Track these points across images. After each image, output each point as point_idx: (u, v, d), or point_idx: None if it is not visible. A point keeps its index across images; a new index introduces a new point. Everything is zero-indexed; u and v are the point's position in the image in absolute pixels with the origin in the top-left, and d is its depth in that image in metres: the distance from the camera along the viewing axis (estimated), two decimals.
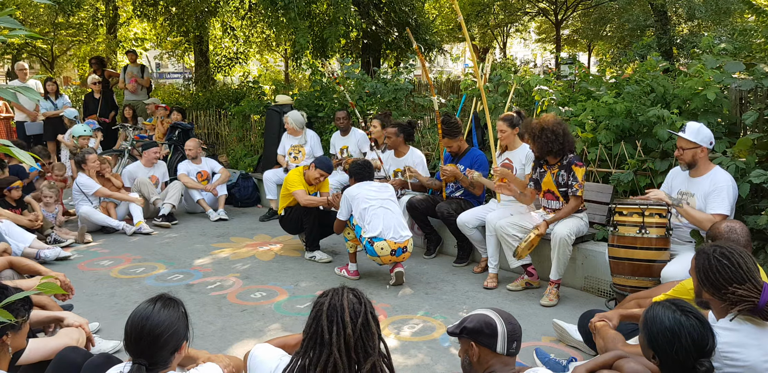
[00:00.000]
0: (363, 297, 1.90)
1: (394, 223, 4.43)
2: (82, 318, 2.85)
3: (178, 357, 1.98)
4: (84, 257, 5.38)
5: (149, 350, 1.90)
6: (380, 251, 4.33)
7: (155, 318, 1.91)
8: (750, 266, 2.14)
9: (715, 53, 4.66)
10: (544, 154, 4.16)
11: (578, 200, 4.10)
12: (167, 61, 19.60)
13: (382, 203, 4.48)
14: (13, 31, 1.50)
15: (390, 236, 4.36)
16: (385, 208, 4.47)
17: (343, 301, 1.84)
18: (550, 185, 4.20)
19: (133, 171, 6.88)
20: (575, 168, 4.06)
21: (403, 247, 4.40)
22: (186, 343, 2.00)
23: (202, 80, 12.59)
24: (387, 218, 4.42)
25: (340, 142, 6.63)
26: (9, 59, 17.62)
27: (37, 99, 5.57)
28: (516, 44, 31.96)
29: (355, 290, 1.92)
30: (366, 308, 1.84)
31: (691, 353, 1.91)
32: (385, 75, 7.66)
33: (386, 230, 4.38)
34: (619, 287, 3.63)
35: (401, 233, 4.43)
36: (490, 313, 2.14)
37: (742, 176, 3.76)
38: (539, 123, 4.10)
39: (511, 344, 2.07)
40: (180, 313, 1.99)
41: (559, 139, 4.03)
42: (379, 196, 4.52)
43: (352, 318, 1.79)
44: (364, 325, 1.79)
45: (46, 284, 1.59)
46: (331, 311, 1.82)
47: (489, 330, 2.07)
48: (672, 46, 13.34)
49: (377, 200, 4.48)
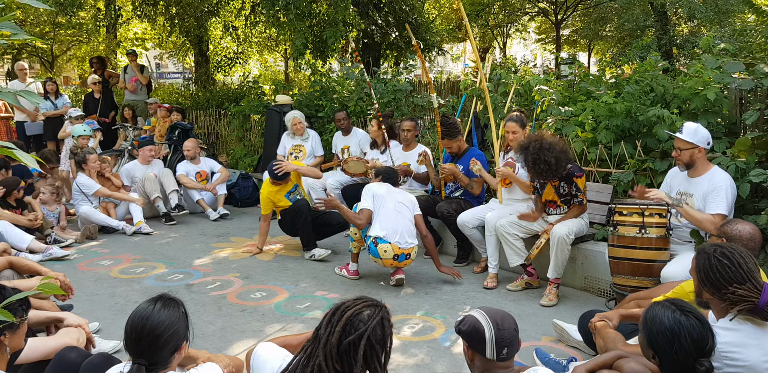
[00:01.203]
0: (382, 312, 1.77)
1: (402, 228, 4.37)
2: (82, 318, 2.85)
3: (177, 357, 1.98)
4: (84, 257, 5.38)
5: (149, 350, 1.89)
6: (383, 254, 4.30)
7: (155, 318, 1.91)
8: (750, 266, 2.14)
9: (714, 53, 4.66)
10: (541, 180, 4.15)
11: (583, 207, 4.15)
12: (167, 61, 19.62)
13: (396, 206, 4.42)
14: (15, 35, 1.50)
15: (395, 240, 4.31)
16: (398, 211, 4.40)
17: (359, 308, 1.75)
18: (552, 196, 4.22)
19: (131, 169, 6.90)
20: (576, 180, 4.07)
21: (406, 253, 4.35)
22: (186, 343, 2.00)
23: (202, 80, 12.59)
24: (397, 221, 4.37)
25: (342, 142, 6.62)
26: (9, 59, 17.64)
27: (37, 102, 5.58)
28: (516, 44, 31.97)
29: (378, 306, 1.79)
30: (374, 322, 1.71)
31: (690, 352, 1.91)
32: (385, 75, 7.67)
33: (393, 233, 4.33)
34: (619, 286, 3.63)
35: (407, 239, 4.36)
36: (481, 317, 2.06)
37: (742, 176, 3.75)
38: (531, 151, 3.89)
39: (500, 351, 2.01)
40: (180, 313, 1.99)
41: (552, 167, 3.87)
42: (396, 198, 4.47)
43: (350, 320, 1.71)
44: (361, 335, 1.69)
45: (46, 284, 1.59)
46: (339, 312, 1.75)
47: (477, 336, 2.03)
48: (672, 46, 13.34)
49: (393, 202, 4.43)
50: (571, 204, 4.16)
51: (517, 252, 4.30)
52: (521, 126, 4.58)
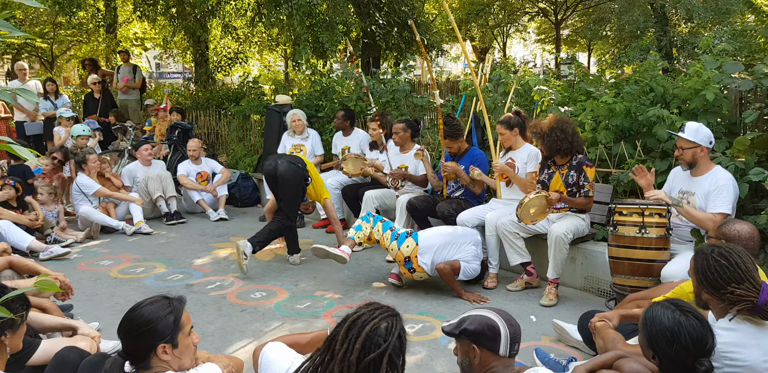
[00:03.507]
0: (399, 323, 1.73)
1: (436, 252, 4.19)
2: (96, 332, 2.88)
3: (157, 360, 1.92)
4: (84, 257, 5.38)
5: (125, 339, 1.93)
6: (404, 248, 4.20)
7: (138, 310, 1.95)
8: (748, 265, 2.14)
9: (714, 53, 4.66)
10: (552, 153, 4.16)
11: (589, 200, 4.12)
12: (167, 61, 19.61)
13: (451, 239, 4.27)
14: (11, 34, 1.50)
15: (423, 250, 4.18)
16: (449, 242, 4.24)
17: (376, 321, 1.68)
18: (559, 186, 4.20)
19: (133, 170, 6.91)
20: (586, 169, 4.08)
21: (414, 267, 4.23)
22: (170, 347, 1.93)
23: (202, 80, 12.59)
24: (442, 243, 4.22)
25: (342, 142, 6.62)
26: (9, 59, 17.63)
27: (35, 101, 5.58)
28: (516, 44, 31.95)
29: (394, 316, 1.74)
30: (394, 338, 1.67)
31: (690, 352, 1.91)
32: (384, 75, 7.67)
33: (428, 247, 4.20)
34: (619, 286, 3.63)
35: (427, 260, 4.19)
36: (491, 314, 2.06)
37: (741, 176, 3.76)
38: (547, 122, 4.10)
39: (513, 346, 2.03)
40: (165, 313, 1.95)
41: (568, 137, 4.05)
42: (456, 242, 4.28)
43: (369, 336, 1.65)
44: (382, 353, 1.64)
45: (43, 281, 1.58)
46: (357, 327, 1.68)
47: (492, 333, 2.01)
48: (672, 47, 13.34)
49: (452, 237, 4.29)
50: (578, 197, 4.16)
51: (518, 251, 4.30)
52: (508, 128, 4.56)
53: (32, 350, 2.48)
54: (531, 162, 4.55)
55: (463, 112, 6.27)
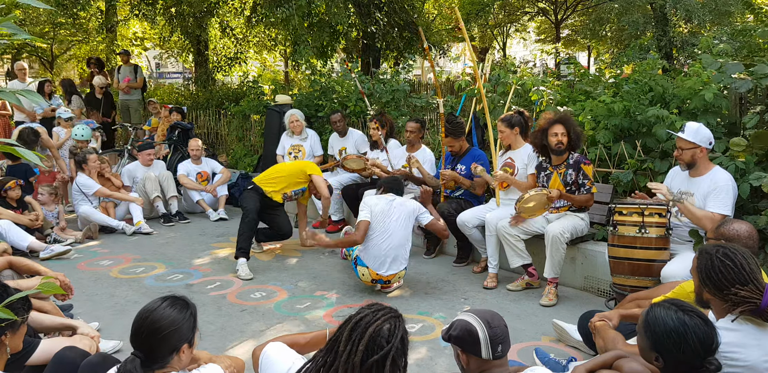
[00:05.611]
0: (401, 325, 1.74)
1: (389, 256, 4.17)
2: (96, 332, 2.88)
3: (177, 359, 1.95)
4: (84, 256, 5.38)
5: (146, 343, 1.91)
6: (361, 276, 4.25)
7: (158, 313, 1.93)
8: (753, 267, 2.12)
9: (714, 54, 4.66)
10: (576, 147, 4.19)
11: (591, 196, 4.13)
12: (167, 61, 19.60)
13: (386, 227, 4.19)
14: (15, 35, 1.50)
15: (374, 267, 4.18)
16: (389, 234, 4.18)
17: (379, 323, 1.68)
18: (558, 186, 4.20)
19: (132, 170, 6.91)
20: (584, 167, 4.09)
21: (385, 280, 4.22)
22: (188, 346, 1.98)
23: (202, 80, 12.60)
24: (382, 246, 4.17)
25: (339, 143, 6.63)
26: (9, 59, 17.62)
27: (39, 101, 5.58)
28: (515, 44, 31.93)
29: (396, 317, 1.74)
30: (397, 340, 1.67)
31: (698, 352, 1.88)
32: (384, 76, 7.67)
33: (374, 260, 4.18)
34: (619, 286, 3.63)
35: (388, 266, 4.17)
36: (470, 318, 2.06)
37: (741, 176, 3.75)
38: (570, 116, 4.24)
39: (495, 349, 2.01)
40: (186, 315, 1.98)
41: (578, 129, 4.20)
42: (394, 215, 4.23)
43: (372, 338, 1.65)
44: (385, 355, 1.64)
45: (46, 283, 1.59)
46: (359, 329, 1.68)
47: (471, 338, 2.02)
48: (672, 47, 13.33)
49: (382, 222, 4.20)
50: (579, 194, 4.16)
51: (519, 253, 4.30)
52: (508, 126, 4.60)
53: (32, 349, 2.48)
54: (531, 163, 4.55)
55: (463, 112, 6.27)
